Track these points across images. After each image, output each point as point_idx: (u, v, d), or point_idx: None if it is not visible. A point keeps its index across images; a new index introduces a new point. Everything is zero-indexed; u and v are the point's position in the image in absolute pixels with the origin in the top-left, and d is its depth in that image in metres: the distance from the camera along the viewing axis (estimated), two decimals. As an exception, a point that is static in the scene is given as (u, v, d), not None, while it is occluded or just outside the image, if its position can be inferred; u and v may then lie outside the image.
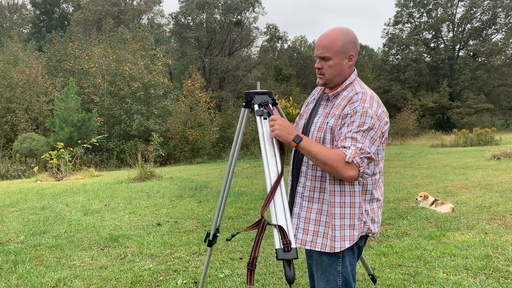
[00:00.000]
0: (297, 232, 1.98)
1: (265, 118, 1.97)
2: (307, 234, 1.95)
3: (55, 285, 3.50)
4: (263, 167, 1.87)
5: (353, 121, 1.81)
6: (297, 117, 2.23)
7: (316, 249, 1.93)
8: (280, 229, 1.62)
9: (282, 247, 1.59)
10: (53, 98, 18.86)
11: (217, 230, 2.59)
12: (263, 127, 1.95)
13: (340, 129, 1.86)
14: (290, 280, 1.52)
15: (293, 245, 1.60)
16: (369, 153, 1.78)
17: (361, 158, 1.77)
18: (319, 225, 1.94)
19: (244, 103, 2.11)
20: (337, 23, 79.39)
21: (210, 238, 2.61)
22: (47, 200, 7.62)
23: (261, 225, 1.63)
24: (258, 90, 2.07)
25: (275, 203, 1.71)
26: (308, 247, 1.95)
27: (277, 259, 1.59)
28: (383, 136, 1.89)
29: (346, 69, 1.95)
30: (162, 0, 41.87)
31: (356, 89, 1.92)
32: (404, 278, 3.35)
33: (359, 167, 1.77)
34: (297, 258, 1.59)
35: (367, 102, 1.84)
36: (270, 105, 2.01)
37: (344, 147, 1.79)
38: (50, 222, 5.76)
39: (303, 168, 1.98)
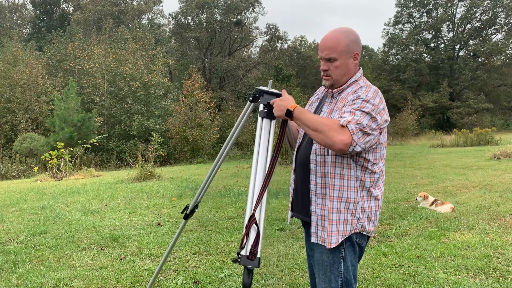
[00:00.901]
0: (317, 229, 1.94)
1: (263, 118, 1.97)
2: (325, 232, 1.92)
3: (55, 285, 3.50)
4: (251, 168, 1.88)
5: (354, 103, 1.82)
6: None
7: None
8: (257, 237, 1.68)
9: (248, 254, 1.65)
10: (53, 98, 18.87)
11: (196, 206, 2.64)
12: (262, 129, 1.94)
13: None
14: (246, 286, 1.61)
15: (258, 255, 1.66)
16: (365, 127, 1.74)
17: (356, 127, 1.72)
18: None
19: (251, 98, 2.08)
20: (337, 23, 79.44)
21: (188, 212, 2.64)
22: (47, 200, 7.62)
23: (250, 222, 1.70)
24: (269, 89, 2.01)
25: (260, 213, 1.75)
26: (333, 245, 1.92)
27: (239, 264, 1.64)
28: (381, 133, 1.89)
29: (352, 68, 1.97)
30: (162, 0, 41.93)
31: (360, 84, 1.95)
32: (404, 278, 3.35)
33: (353, 134, 1.71)
34: (258, 267, 1.66)
35: (370, 92, 1.86)
36: None
37: (341, 117, 1.77)
38: (50, 222, 5.75)
39: (312, 166, 1.95)
